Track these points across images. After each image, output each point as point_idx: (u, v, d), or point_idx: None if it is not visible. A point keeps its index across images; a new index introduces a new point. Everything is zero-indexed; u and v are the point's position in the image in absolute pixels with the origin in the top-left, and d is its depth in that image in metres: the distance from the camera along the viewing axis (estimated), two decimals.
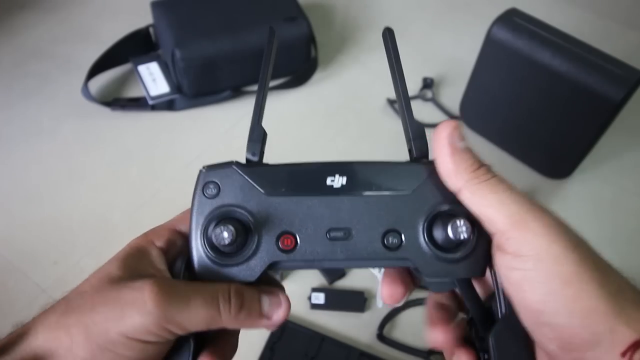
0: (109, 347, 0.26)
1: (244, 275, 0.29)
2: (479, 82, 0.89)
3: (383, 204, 0.29)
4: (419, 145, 0.31)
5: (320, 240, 0.29)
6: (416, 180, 0.30)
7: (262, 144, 0.31)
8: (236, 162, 0.30)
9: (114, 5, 1.16)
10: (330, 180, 0.29)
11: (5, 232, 0.79)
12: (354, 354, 0.68)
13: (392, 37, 0.33)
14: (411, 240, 0.29)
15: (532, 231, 0.26)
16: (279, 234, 0.29)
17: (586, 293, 0.25)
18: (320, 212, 0.29)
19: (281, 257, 0.29)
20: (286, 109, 0.97)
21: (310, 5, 1.10)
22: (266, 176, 0.30)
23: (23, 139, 0.91)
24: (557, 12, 1.17)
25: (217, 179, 0.29)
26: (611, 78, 0.73)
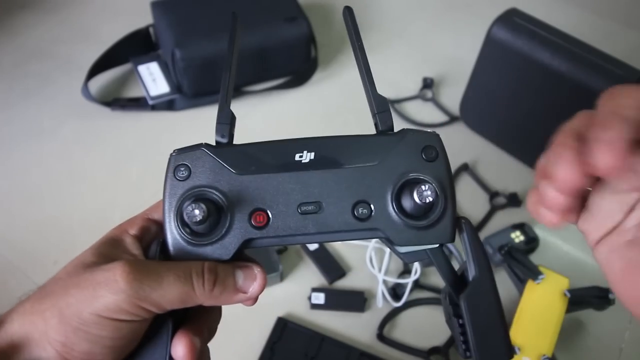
0: (83, 327, 0.26)
1: (218, 254, 0.29)
2: (479, 82, 0.89)
3: (351, 177, 0.30)
4: (383, 118, 0.32)
5: (291, 215, 0.30)
6: (383, 151, 0.30)
7: (231, 126, 0.32)
8: (205, 144, 0.31)
9: (114, 5, 1.16)
10: (298, 156, 0.30)
11: (5, 232, 0.79)
12: (354, 354, 0.68)
13: (352, 15, 0.35)
14: (380, 210, 0.30)
15: None
16: (251, 211, 0.29)
17: None
18: (291, 188, 0.30)
19: (254, 234, 0.29)
20: (286, 109, 0.97)
21: (310, 5, 1.10)
22: (236, 156, 0.30)
23: (23, 139, 0.91)
24: (557, 12, 1.17)
25: (188, 161, 0.30)
26: (611, 78, 0.73)
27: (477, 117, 0.93)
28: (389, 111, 0.32)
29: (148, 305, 0.27)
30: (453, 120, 0.96)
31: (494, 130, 0.92)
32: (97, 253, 0.29)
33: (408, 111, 0.98)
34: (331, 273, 0.75)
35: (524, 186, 0.87)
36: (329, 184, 0.30)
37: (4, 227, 0.80)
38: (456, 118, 0.96)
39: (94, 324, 0.26)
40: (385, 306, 0.73)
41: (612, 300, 0.66)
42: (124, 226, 0.31)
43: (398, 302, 0.73)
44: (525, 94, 0.83)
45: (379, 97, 0.32)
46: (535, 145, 0.88)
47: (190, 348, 0.29)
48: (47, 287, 0.28)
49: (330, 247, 0.78)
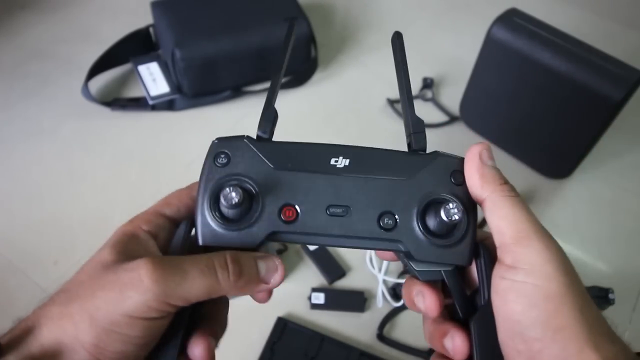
0: (115, 329, 0.26)
1: (245, 241, 0.30)
2: (479, 82, 0.89)
3: (381, 187, 0.31)
4: (418, 138, 0.33)
5: (319, 215, 0.30)
6: (414, 169, 0.31)
7: (272, 124, 0.33)
8: (247, 136, 0.32)
9: (114, 5, 1.16)
10: (334, 160, 0.31)
11: (5, 232, 0.79)
12: (354, 354, 0.68)
13: (401, 40, 0.36)
14: (405, 223, 0.31)
15: (533, 248, 0.27)
16: (282, 205, 0.30)
17: (565, 312, 0.26)
18: (322, 189, 0.31)
19: (282, 227, 0.30)
20: (286, 109, 0.96)
21: (310, 5, 1.10)
22: (274, 151, 0.31)
23: (23, 139, 0.91)
24: (557, 12, 1.17)
25: (228, 149, 0.31)
26: (611, 78, 0.73)
27: (477, 117, 0.93)
28: (424, 133, 0.33)
29: (175, 301, 0.27)
30: (453, 120, 0.96)
31: (494, 130, 0.92)
32: (116, 251, 0.29)
33: None
34: (331, 273, 0.75)
35: (523, 186, 0.87)
36: (359, 191, 0.31)
37: (4, 227, 0.80)
38: (456, 118, 0.96)
39: (125, 325, 0.26)
40: (385, 306, 0.73)
41: (612, 300, 0.66)
42: (136, 222, 0.31)
43: (398, 302, 0.73)
44: (525, 94, 0.83)
45: (416, 119, 0.33)
46: (535, 145, 0.89)
47: (208, 349, 0.30)
48: (71, 290, 0.28)
49: (330, 247, 0.78)
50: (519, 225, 0.28)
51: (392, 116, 0.95)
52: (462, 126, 0.95)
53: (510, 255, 0.28)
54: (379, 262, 0.76)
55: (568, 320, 0.26)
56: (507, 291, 0.27)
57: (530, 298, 0.27)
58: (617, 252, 0.81)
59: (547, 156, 0.88)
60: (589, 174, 0.90)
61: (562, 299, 0.26)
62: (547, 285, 0.26)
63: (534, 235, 0.28)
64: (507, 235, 0.28)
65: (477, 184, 0.30)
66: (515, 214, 0.28)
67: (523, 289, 0.27)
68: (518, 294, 0.27)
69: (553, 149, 0.86)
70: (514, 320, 0.27)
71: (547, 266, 0.27)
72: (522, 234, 0.28)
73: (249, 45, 0.93)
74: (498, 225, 0.29)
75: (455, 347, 0.30)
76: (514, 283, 0.27)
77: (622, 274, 0.78)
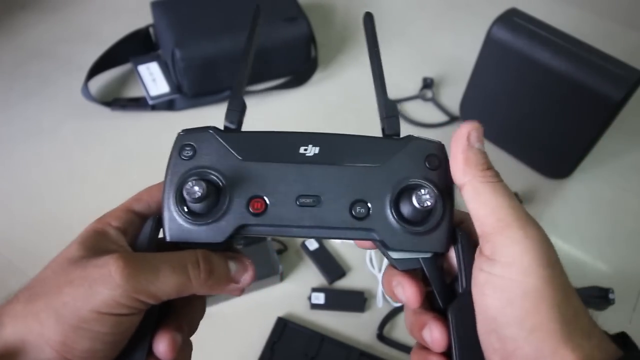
0: (83, 325, 0.26)
1: (213, 236, 0.29)
2: (479, 82, 0.89)
3: (353, 175, 0.30)
4: (391, 122, 0.32)
5: (289, 206, 0.30)
6: (387, 154, 0.30)
7: (240, 114, 0.32)
8: (213, 127, 0.31)
9: (114, 5, 1.16)
10: (303, 149, 0.30)
11: (5, 231, 0.79)
12: (354, 354, 0.68)
13: (372, 21, 0.35)
14: (378, 211, 0.30)
15: (512, 239, 0.26)
16: (250, 198, 0.29)
17: (542, 310, 0.25)
18: (292, 179, 0.30)
19: (250, 220, 0.29)
20: (286, 109, 0.97)
21: (310, 5, 1.10)
22: (241, 142, 0.30)
23: (23, 139, 0.91)
24: (557, 12, 1.17)
25: (194, 141, 0.31)
26: (611, 78, 0.73)
27: (477, 117, 0.92)
28: (397, 117, 0.32)
29: (145, 297, 0.27)
30: (453, 120, 0.96)
31: (494, 130, 0.92)
32: (84, 247, 0.28)
33: (408, 111, 0.98)
34: (331, 273, 0.75)
35: (523, 186, 0.87)
36: (330, 180, 0.30)
37: (4, 227, 0.80)
38: (456, 118, 0.96)
39: (93, 321, 0.26)
40: (385, 306, 0.73)
41: (612, 300, 0.66)
42: (105, 219, 0.31)
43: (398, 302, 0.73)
44: (525, 94, 0.83)
45: (389, 102, 0.33)
46: (535, 145, 0.89)
47: (172, 344, 0.29)
48: (35, 287, 0.28)
49: (330, 247, 0.78)
50: (499, 213, 0.27)
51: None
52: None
53: (489, 245, 0.27)
54: (379, 262, 0.76)
55: (544, 318, 0.25)
56: (485, 285, 0.27)
57: (507, 294, 0.26)
58: (617, 252, 0.81)
59: (547, 156, 0.88)
60: (589, 174, 0.90)
61: (540, 295, 0.25)
62: (525, 281, 0.25)
63: (514, 223, 0.26)
64: (487, 224, 0.27)
65: (460, 168, 0.29)
66: (496, 201, 0.27)
67: (500, 283, 0.26)
68: (495, 289, 0.26)
69: (553, 149, 0.86)
70: (490, 316, 0.26)
71: (526, 258, 0.26)
72: (502, 223, 0.27)
73: None
74: (478, 214, 0.28)
75: (434, 339, 0.30)
76: (491, 276, 0.26)
77: (622, 274, 0.78)
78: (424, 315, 0.31)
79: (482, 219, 0.27)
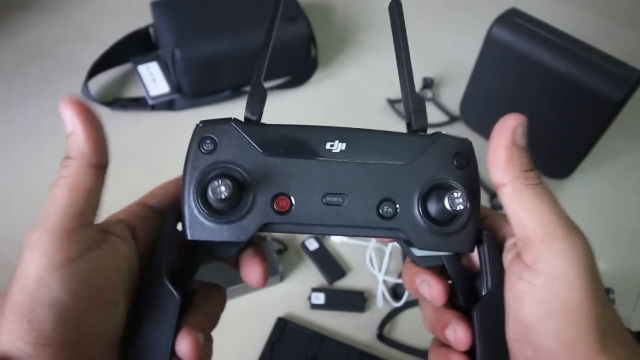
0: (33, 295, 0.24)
1: (236, 235, 0.28)
2: (479, 82, 0.89)
3: (380, 173, 0.29)
4: (418, 118, 0.31)
5: (315, 204, 0.29)
6: (415, 152, 0.29)
7: (261, 104, 0.31)
8: (234, 119, 0.30)
9: (114, 5, 1.16)
10: (329, 145, 0.29)
11: (5, 231, 0.79)
12: (354, 354, 0.68)
13: (400, 9, 0.34)
14: (405, 210, 0.29)
15: (557, 250, 0.25)
16: (274, 195, 0.28)
17: (581, 324, 0.25)
18: (318, 176, 0.29)
19: (275, 219, 0.28)
20: (286, 109, 0.97)
21: (310, 5, 1.10)
22: (265, 135, 0.29)
23: (23, 139, 0.91)
24: (557, 12, 1.17)
25: (214, 134, 0.29)
26: (611, 78, 0.73)
27: (477, 117, 0.93)
28: (425, 112, 0.31)
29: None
30: (453, 120, 0.96)
31: None
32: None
33: None
34: (331, 273, 0.75)
35: None
36: (357, 178, 0.29)
37: (4, 227, 0.80)
38: (456, 118, 0.96)
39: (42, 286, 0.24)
40: (385, 306, 0.73)
41: (612, 300, 0.66)
42: (116, 213, 0.30)
43: (398, 302, 0.73)
44: (526, 94, 0.83)
45: (416, 97, 0.31)
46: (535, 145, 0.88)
47: (194, 344, 0.28)
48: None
49: (330, 247, 0.78)
50: (542, 220, 0.26)
51: (392, 116, 0.95)
52: (462, 126, 0.95)
53: (531, 253, 0.26)
54: (379, 262, 0.76)
55: (582, 332, 0.25)
56: (524, 294, 0.26)
57: (547, 306, 0.25)
58: (617, 252, 0.81)
59: (547, 156, 0.88)
60: (589, 174, 0.90)
61: (580, 310, 0.25)
62: (567, 295, 0.25)
63: (558, 232, 0.25)
64: (529, 230, 0.26)
65: (502, 165, 0.27)
66: (539, 206, 0.26)
67: (541, 295, 0.25)
68: (535, 300, 0.25)
69: (553, 149, 0.86)
70: (526, 326, 0.26)
71: (571, 272, 0.25)
72: (545, 231, 0.26)
73: (249, 45, 0.93)
74: (519, 217, 0.27)
75: (458, 338, 0.29)
76: (532, 287, 0.25)
77: (622, 274, 0.78)
78: (447, 313, 0.30)
79: (524, 224, 0.26)
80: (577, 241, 0.26)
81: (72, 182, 0.27)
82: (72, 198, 0.27)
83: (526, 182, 0.27)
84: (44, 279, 0.24)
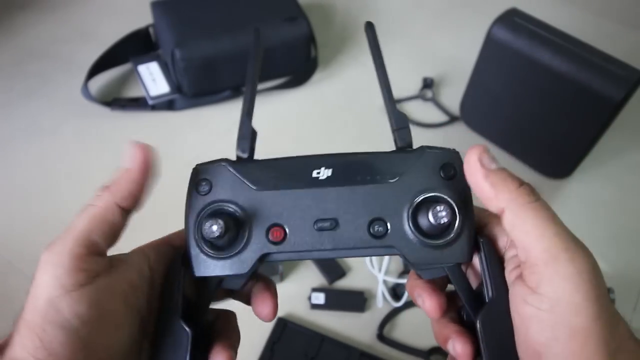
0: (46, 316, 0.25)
1: (238, 268, 0.30)
2: (479, 82, 0.89)
3: (368, 194, 0.30)
4: (402, 134, 0.32)
5: (308, 231, 0.30)
6: (400, 169, 0.30)
7: (251, 141, 0.32)
8: (226, 160, 0.31)
9: (114, 5, 1.16)
10: (316, 173, 0.30)
11: (5, 232, 0.79)
12: (354, 354, 0.68)
13: (373, 31, 0.35)
14: (396, 227, 0.30)
15: (561, 274, 0.25)
16: (269, 227, 0.30)
17: (590, 348, 0.24)
18: (308, 204, 0.30)
19: (271, 249, 0.30)
20: (286, 109, 0.97)
21: (310, 5, 1.10)
22: (255, 172, 0.31)
23: (23, 139, 0.91)
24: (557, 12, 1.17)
25: (209, 176, 0.31)
26: (611, 78, 0.73)
27: (477, 117, 0.93)
28: (408, 128, 0.32)
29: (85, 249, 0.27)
30: (453, 120, 0.96)
31: (494, 130, 0.92)
32: None
33: (408, 111, 0.98)
34: (331, 273, 0.75)
35: None
36: (346, 201, 0.30)
37: (4, 227, 0.80)
38: (456, 118, 0.96)
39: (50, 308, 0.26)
40: (385, 306, 0.73)
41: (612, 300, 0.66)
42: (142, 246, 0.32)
43: (398, 302, 0.73)
44: (526, 94, 0.83)
45: (398, 114, 0.32)
46: (535, 145, 0.89)
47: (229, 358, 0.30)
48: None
49: None
50: (545, 243, 0.25)
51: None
52: (462, 126, 0.95)
53: (535, 276, 0.25)
54: (379, 262, 0.76)
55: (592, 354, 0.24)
56: (530, 319, 0.26)
57: (555, 331, 0.25)
58: (617, 252, 0.81)
59: (547, 156, 0.88)
60: (589, 174, 0.90)
61: (588, 334, 0.24)
62: (575, 320, 0.24)
63: (562, 255, 0.25)
64: (533, 254, 0.26)
65: (490, 195, 0.27)
66: (541, 227, 0.26)
67: (547, 320, 0.25)
68: (541, 325, 0.25)
69: (553, 149, 0.86)
70: (536, 349, 0.26)
71: (576, 296, 0.24)
72: (549, 254, 0.25)
73: (249, 45, 0.93)
74: (522, 241, 0.26)
75: (457, 353, 0.30)
76: (538, 312, 0.25)
77: (622, 274, 0.78)
78: (447, 327, 0.31)
79: (527, 247, 0.26)
80: (582, 263, 0.25)
81: (97, 213, 0.29)
82: (92, 227, 0.28)
83: (522, 201, 0.26)
84: (54, 302, 0.26)
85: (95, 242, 0.28)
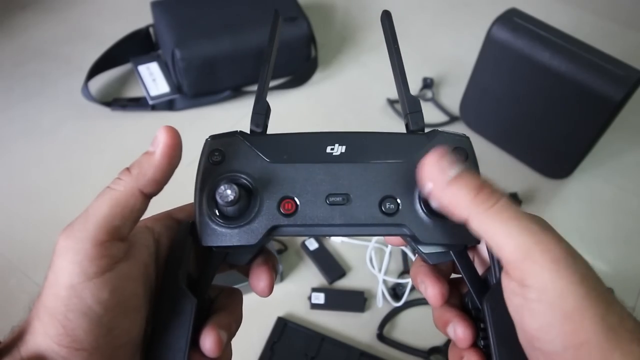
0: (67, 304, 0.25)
1: (247, 238, 0.30)
2: (479, 82, 0.89)
3: (381, 172, 0.30)
4: (415, 118, 0.32)
5: (319, 205, 0.30)
6: (413, 150, 0.30)
7: (265, 117, 0.32)
8: (240, 132, 0.31)
9: (114, 5, 1.16)
10: (330, 149, 0.31)
11: (5, 232, 0.79)
12: (354, 354, 0.68)
13: (390, 19, 0.35)
14: (407, 206, 0.30)
15: (539, 264, 0.25)
16: (280, 199, 0.30)
17: (586, 327, 0.24)
18: (320, 178, 0.30)
19: (282, 221, 0.30)
20: (286, 109, 0.97)
21: (310, 5, 1.11)
22: (269, 145, 0.31)
23: (23, 139, 0.91)
24: (557, 12, 1.17)
25: (222, 146, 0.31)
26: (611, 78, 0.73)
27: (477, 117, 0.93)
28: (421, 112, 0.32)
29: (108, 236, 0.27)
30: (453, 120, 0.96)
31: (494, 130, 0.92)
32: None
33: None
34: (331, 273, 0.75)
35: (523, 186, 0.87)
36: (358, 178, 0.30)
37: (4, 227, 0.80)
38: (456, 118, 0.96)
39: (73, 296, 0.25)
40: (385, 306, 0.73)
41: None
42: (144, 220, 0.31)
43: (398, 302, 0.73)
44: (525, 94, 0.83)
45: (411, 98, 0.32)
46: (535, 145, 0.89)
47: (218, 341, 0.29)
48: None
49: (330, 247, 0.78)
50: (514, 241, 0.25)
51: (392, 116, 0.95)
52: (462, 126, 0.95)
53: (517, 271, 0.26)
54: (379, 262, 0.76)
55: (589, 333, 0.24)
56: (522, 308, 0.26)
57: (547, 317, 0.25)
58: (617, 252, 0.81)
59: (547, 156, 0.88)
60: (589, 174, 0.90)
61: (582, 313, 0.24)
62: (564, 303, 0.24)
63: (535, 248, 0.25)
64: (507, 253, 0.26)
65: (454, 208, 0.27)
66: (507, 227, 0.26)
67: (538, 307, 0.25)
68: (533, 313, 0.25)
69: (553, 149, 0.86)
70: (532, 335, 0.26)
71: (559, 282, 0.24)
72: (521, 250, 0.25)
73: (249, 45, 0.93)
74: (495, 243, 0.26)
75: (457, 336, 0.30)
76: (527, 301, 0.25)
77: (622, 274, 0.78)
78: (448, 312, 0.31)
79: (500, 248, 0.26)
80: (557, 251, 0.25)
81: (119, 198, 0.28)
82: (114, 212, 0.27)
83: (483, 207, 0.26)
84: (76, 289, 0.26)
85: (117, 228, 0.27)
